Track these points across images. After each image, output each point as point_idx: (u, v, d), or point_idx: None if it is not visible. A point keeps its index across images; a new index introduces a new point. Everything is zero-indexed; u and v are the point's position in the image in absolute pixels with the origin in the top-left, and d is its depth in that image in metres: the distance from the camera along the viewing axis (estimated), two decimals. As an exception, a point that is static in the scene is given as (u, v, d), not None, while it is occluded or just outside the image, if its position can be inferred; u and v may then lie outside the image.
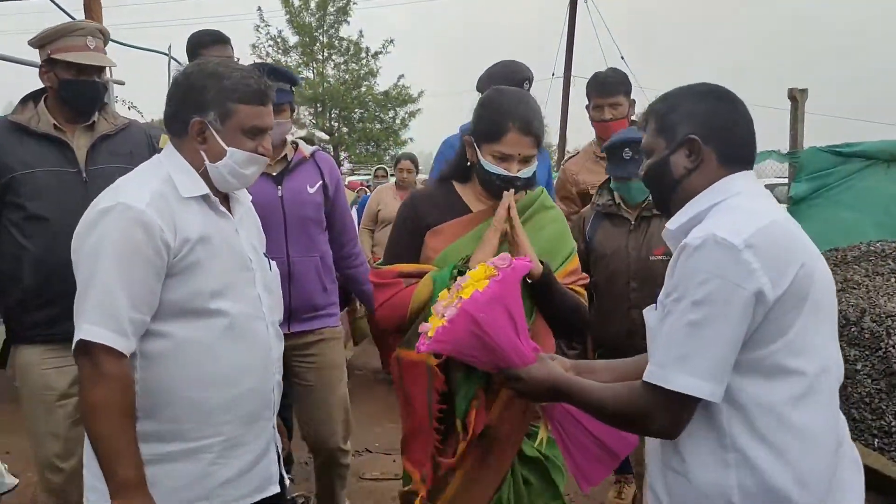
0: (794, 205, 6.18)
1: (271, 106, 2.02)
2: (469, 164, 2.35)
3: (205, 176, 1.97)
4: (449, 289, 2.06)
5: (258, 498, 2.04)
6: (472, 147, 2.29)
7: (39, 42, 2.82)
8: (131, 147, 2.93)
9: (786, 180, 7.96)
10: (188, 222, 1.89)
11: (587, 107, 3.86)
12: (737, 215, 1.59)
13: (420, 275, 2.24)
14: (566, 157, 4.46)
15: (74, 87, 2.79)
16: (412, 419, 2.26)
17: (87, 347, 1.81)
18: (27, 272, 2.67)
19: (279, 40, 24.47)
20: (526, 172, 2.25)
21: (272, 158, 2.98)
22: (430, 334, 1.91)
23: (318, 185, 3.14)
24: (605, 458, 1.96)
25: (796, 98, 6.68)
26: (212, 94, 1.92)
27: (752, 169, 1.75)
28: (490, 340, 1.85)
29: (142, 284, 1.82)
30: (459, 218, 2.31)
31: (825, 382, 1.61)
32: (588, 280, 2.51)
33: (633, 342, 2.96)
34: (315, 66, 24.69)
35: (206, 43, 3.63)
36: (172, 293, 1.87)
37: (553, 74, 18.21)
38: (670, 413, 1.56)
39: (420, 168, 7.02)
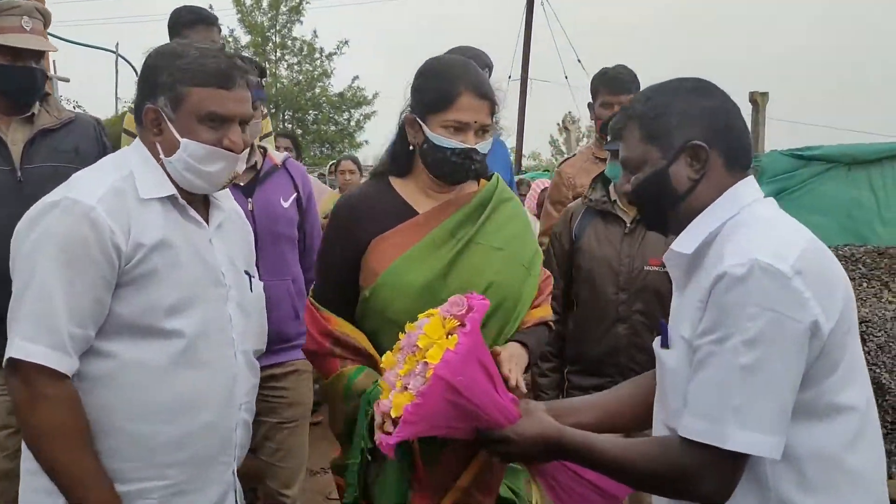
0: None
1: (240, 91, 1.72)
2: (411, 149, 1.99)
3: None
4: (394, 350, 1.73)
5: None
6: (416, 125, 1.95)
7: None
8: (77, 142, 2.65)
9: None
10: (145, 225, 1.64)
11: (590, 105, 3.56)
12: (770, 233, 1.40)
13: (351, 348, 1.94)
14: (562, 160, 4.17)
15: (9, 73, 2.52)
16: None
17: (18, 366, 1.56)
18: None
19: (231, 39, 24.01)
20: (484, 146, 1.93)
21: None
22: (393, 415, 1.58)
23: (291, 197, 2.79)
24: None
25: (757, 101, 6.70)
26: (164, 76, 1.67)
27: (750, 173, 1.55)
28: (470, 405, 1.57)
29: (87, 293, 1.57)
30: (405, 223, 1.96)
31: (872, 414, 1.43)
32: (558, 286, 2.36)
33: (615, 360, 2.71)
34: (268, 66, 24.27)
35: (186, 21, 3.12)
36: (122, 306, 1.62)
37: (510, 77, 18.17)
38: (723, 475, 1.34)
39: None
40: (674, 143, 1.49)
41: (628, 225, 2.79)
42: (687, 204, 1.50)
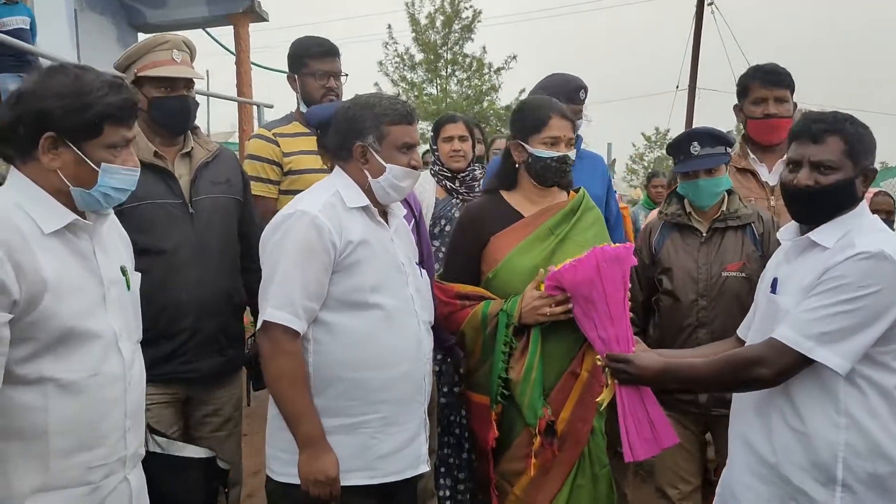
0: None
1: (416, 125, 2.33)
2: (516, 167, 2.68)
3: (368, 192, 2.28)
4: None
5: (410, 475, 2.31)
6: (519, 147, 2.65)
7: (125, 62, 2.67)
8: (228, 175, 2.84)
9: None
10: (351, 227, 2.21)
11: (737, 107, 3.35)
12: (886, 237, 1.97)
13: (477, 298, 2.60)
14: None
15: (166, 104, 2.63)
16: (477, 448, 2.66)
17: (267, 327, 2.16)
18: None
19: (406, 57, 25.24)
20: (573, 154, 2.65)
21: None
22: (556, 267, 2.37)
23: (412, 223, 2.93)
24: (652, 441, 2.25)
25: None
26: (368, 121, 2.25)
27: None
28: (603, 301, 2.26)
29: (313, 277, 2.15)
30: (515, 224, 2.64)
31: None
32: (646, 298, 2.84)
33: None
34: (439, 81, 25.27)
35: (314, 54, 3.21)
36: (337, 287, 2.19)
37: (678, 87, 17.91)
38: (787, 368, 1.96)
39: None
40: (861, 163, 2.04)
41: (704, 234, 2.94)
42: (847, 207, 2.06)
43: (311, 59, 3.19)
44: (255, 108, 9.40)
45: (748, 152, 3.32)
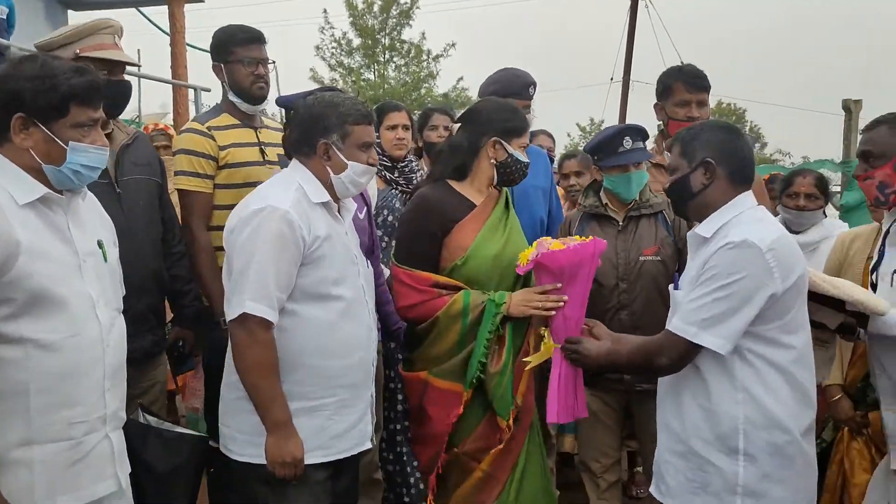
0: (846, 213, 6.26)
1: (374, 124, 2.45)
2: (473, 160, 2.74)
3: (328, 187, 2.38)
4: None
5: (357, 451, 2.47)
6: (500, 146, 2.73)
7: (64, 41, 2.68)
8: (149, 158, 2.90)
9: (839, 188, 8.03)
10: (317, 223, 2.31)
11: (657, 105, 3.45)
12: (760, 225, 2.14)
13: (451, 287, 2.67)
14: None
15: (108, 87, 2.59)
16: (425, 431, 2.73)
17: (244, 318, 2.23)
18: None
19: (343, 42, 25.05)
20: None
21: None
22: (551, 247, 2.53)
23: (364, 210, 3.09)
24: (573, 410, 2.57)
25: (850, 109, 6.79)
26: (333, 119, 2.35)
27: (751, 187, 2.27)
28: (585, 280, 2.53)
29: (285, 269, 2.24)
30: (473, 212, 2.73)
31: (810, 355, 2.21)
32: None
33: None
34: (377, 67, 25.19)
35: (240, 41, 3.10)
36: (304, 279, 2.29)
37: (612, 79, 18.28)
38: (682, 355, 2.16)
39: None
40: (696, 158, 2.25)
41: (620, 223, 3.12)
42: (699, 200, 2.27)
43: (237, 47, 3.10)
44: (190, 91, 9.21)
45: (664, 148, 3.38)
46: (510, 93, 3.21)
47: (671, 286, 2.34)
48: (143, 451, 2.38)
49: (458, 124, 2.87)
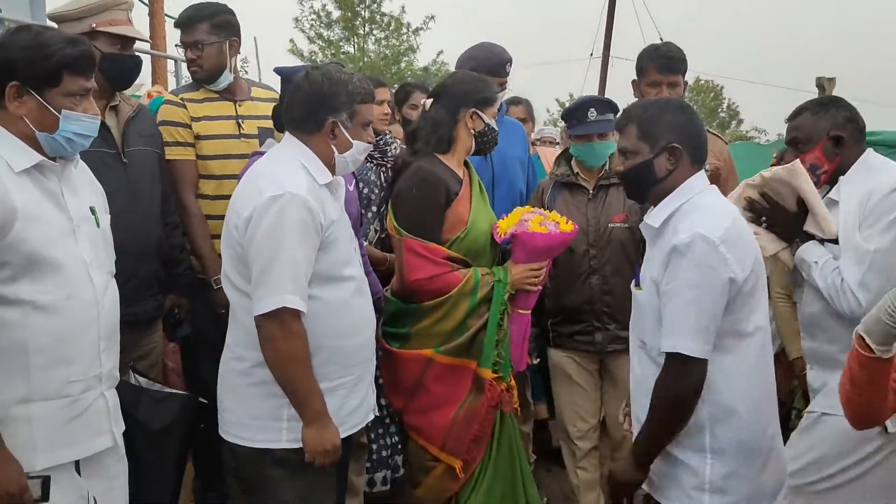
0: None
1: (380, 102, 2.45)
2: (453, 134, 2.81)
3: (329, 166, 2.35)
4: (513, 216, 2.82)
5: (365, 423, 2.52)
6: (477, 117, 2.81)
7: (81, 14, 2.76)
8: (151, 129, 2.98)
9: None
10: (328, 206, 2.30)
11: (635, 82, 3.52)
12: (708, 214, 2.08)
13: (460, 262, 2.75)
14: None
15: (120, 61, 2.80)
16: (435, 411, 2.76)
17: (278, 312, 2.17)
18: None
19: (322, 14, 24.82)
20: None
21: None
22: (530, 229, 2.71)
23: (353, 182, 3.18)
24: (518, 362, 2.88)
25: (824, 87, 6.85)
26: (342, 97, 2.31)
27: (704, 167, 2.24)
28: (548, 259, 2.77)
29: (309, 258, 2.23)
30: (464, 184, 2.82)
31: (769, 345, 2.21)
32: None
33: (591, 307, 3.17)
34: (356, 40, 25.01)
35: (176, 25, 3.23)
36: (319, 263, 2.27)
37: (591, 55, 18.33)
38: (691, 370, 2.04)
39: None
40: (659, 143, 2.15)
41: (591, 192, 3.26)
42: (661, 186, 2.18)
43: (179, 32, 3.21)
44: (170, 62, 9.13)
45: None
46: (487, 70, 3.26)
47: (632, 283, 2.27)
48: (136, 411, 2.45)
49: (431, 99, 2.90)
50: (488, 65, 3.36)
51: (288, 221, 2.17)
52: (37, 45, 1.99)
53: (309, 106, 2.33)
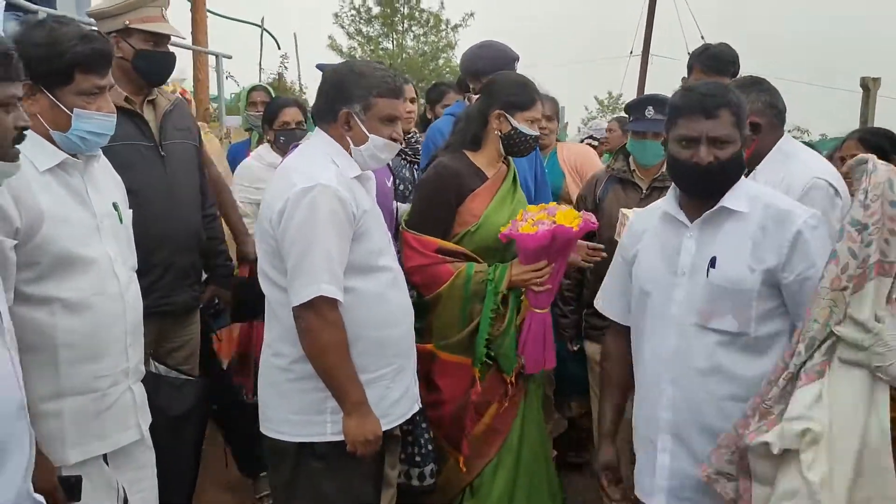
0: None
1: (404, 99, 2.39)
2: (483, 131, 2.84)
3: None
4: (521, 215, 2.79)
5: (409, 414, 2.50)
6: (503, 118, 2.82)
7: (117, 10, 2.77)
8: (187, 123, 3.02)
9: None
10: (360, 196, 2.29)
11: (684, 79, 3.50)
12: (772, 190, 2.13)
13: (455, 254, 2.77)
14: None
15: (153, 57, 2.81)
16: (435, 399, 2.83)
17: (314, 302, 2.17)
18: None
19: (362, 10, 24.94)
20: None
21: None
22: (521, 230, 2.68)
23: (390, 179, 3.31)
24: (542, 362, 2.84)
25: (869, 87, 6.75)
26: (357, 89, 2.29)
27: None
28: (560, 259, 2.72)
29: (344, 248, 2.22)
30: (486, 183, 2.84)
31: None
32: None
33: None
34: (395, 36, 25.09)
35: None
36: (354, 254, 2.26)
37: (631, 53, 18.16)
38: None
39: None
40: (744, 133, 2.05)
41: (644, 190, 3.22)
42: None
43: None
44: (211, 57, 9.24)
45: None
46: (495, 69, 3.21)
47: (688, 268, 2.07)
48: (156, 398, 2.48)
49: (477, 95, 2.94)
50: (497, 63, 3.34)
51: (321, 212, 2.17)
52: (49, 42, 1.99)
53: (326, 97, 2.35)
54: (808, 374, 1.81)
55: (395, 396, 2.39)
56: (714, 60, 3.35)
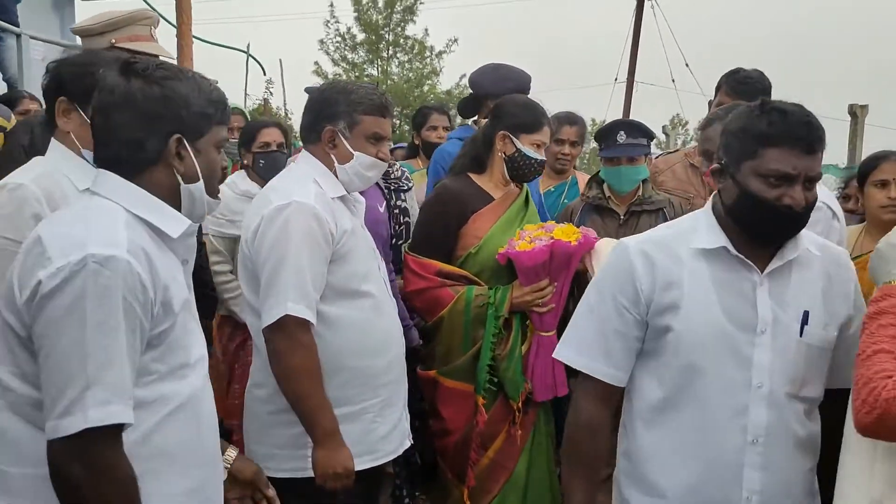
0: (849, 218, 6.26)
1: (390, 119, 2.34)
2: (488, 153, 2.80)
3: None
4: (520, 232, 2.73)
5: (400, 452, 2.38)
6: (507, 140, 2.76)
7: (103, 29, 2.68)
8: None
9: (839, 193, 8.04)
10: (341, 216, 2.21)
11: (711, 102, 3.35)
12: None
13: (456, 277, 2.69)
14: (658, 154, 4.26)
15: None
16: (449, 435, 2.73)
17: (283, 322, 2.08)
18: None
19: (347, 37, 25.00)
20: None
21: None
22: (518, 248, 2.62)
23: (384, 204, 3.17)
24: (552, 388, 2.73)
25: (856, 114, 6.75)
26: (342, 106, 2.23)
27: None
28: (562, 277, 2.65)
29: (318, 269, 2.13)
30: (490, 205, 2.79)
31: None
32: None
33: None
34: (380, 63, 25.15)
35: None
36: (333, 276, 2.18)
37: (616, 79, 18.28)
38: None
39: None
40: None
41: (622, 217, 3.17)
42: None
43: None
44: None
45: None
46: (518, 92, 3.24)
47: (798, 330, 1.73)
48: None
49: (486, 119, 2.93)
50: (508, 86, 3.34)
51: (294, 230, 2.10)
52: (84, 62, 1.94)
53: (311, 115, 2.30)
54: None
55: (383, 432, 2.29)
56: (743, 85, 3.17)
